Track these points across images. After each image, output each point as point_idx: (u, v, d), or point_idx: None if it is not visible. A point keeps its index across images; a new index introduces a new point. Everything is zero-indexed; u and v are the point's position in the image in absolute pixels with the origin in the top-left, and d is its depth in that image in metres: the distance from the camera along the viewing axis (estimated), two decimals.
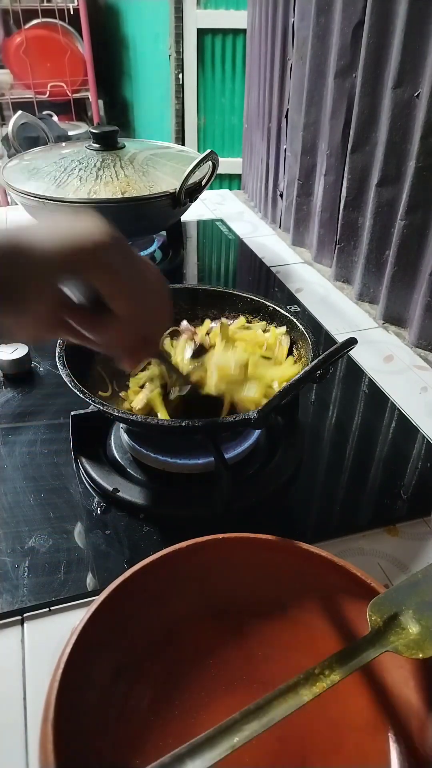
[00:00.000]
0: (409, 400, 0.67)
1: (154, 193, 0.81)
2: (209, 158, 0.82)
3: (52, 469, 0.56)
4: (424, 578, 0.37)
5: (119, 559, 0.47)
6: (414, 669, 0.35)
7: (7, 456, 0.57)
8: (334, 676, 0.32)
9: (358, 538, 0.50)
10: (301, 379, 0.42)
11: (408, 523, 0.52)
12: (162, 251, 1.00)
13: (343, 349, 0.42)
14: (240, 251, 1.05)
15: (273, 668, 0.38)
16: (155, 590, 0.39)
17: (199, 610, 0.40)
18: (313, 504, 0.55)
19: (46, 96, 2.42)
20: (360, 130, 0.79)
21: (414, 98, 0.69)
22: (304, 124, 0.93)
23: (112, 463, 0.56)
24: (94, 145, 0.88)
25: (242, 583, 0.41)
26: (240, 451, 0.55)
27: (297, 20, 0.91)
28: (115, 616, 0.36)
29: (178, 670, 0.38)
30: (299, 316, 0.68)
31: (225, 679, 0.38)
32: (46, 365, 0.70)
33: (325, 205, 0.93)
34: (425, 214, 0.71)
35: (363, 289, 0.86)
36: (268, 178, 1.15)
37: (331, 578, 0.39)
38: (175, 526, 0.50)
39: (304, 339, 0.55)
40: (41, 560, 0.47)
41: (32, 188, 0.80)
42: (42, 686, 0.32)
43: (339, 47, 0.80)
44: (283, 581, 0.40)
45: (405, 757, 0.34)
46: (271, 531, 0.40)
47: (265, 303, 0.61)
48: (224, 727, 0.29)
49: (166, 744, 0.34)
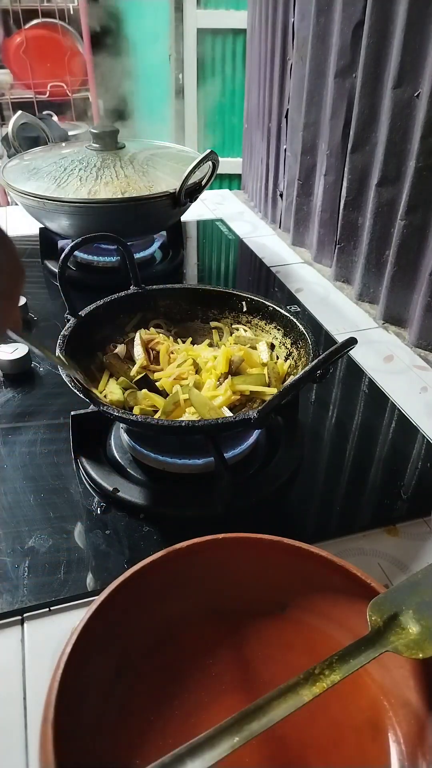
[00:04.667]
0: (409, 400, 0.67)
1: (154, 193, 0.81)
2: (209, 158, 0.82)
3: (52, 469, 0.56)
4: (424, 578, 0.37)
5: (119, 559, 0.47)
6: (414, 669, 0.35)
7: (7, 456, 0.57)
8: (334, 676, 0.32)
9: (358, 538, 0.50)
10: (301, 379, 0.42)
11: (408, 523, 0.52)
12: (162, 251, 1.00)
13: (343, 349, 0.42)
14: (240, 251, 1.05)
15: (273, 668, 0.38)
16: (155, 590, 0.39)
17: (199, 610, 0.40)
18: (313, 504, 0.55)
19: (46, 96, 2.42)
20: (360, 130, 0.79)
21: (414, 98, 0.69)
22: (304, 124, 0.93)
23: (112, 463, 0.56)
24: (94, 145, 0.88)
25: (242, 583, 0.41)
26: (240, 451, 0.55)
27: (297, 20, 0.91)
28: (115, 616, 0.36)
29: (178, 670, 0.38)
30: (299, 316, 0.68)
31: (225, 679, 0.38)
32: (46, 365, 0.70)
33: (325, 205, 0.93)
34: (425, 214, 0.71)
35: (363, 289, 0.86)
36: (268, 178, 1.15)
37: (331, 578, 0.39)
38: (175, 526, 0.50)
39: (304, 339, 0.55)
40: (41, 560, 0.47)
41: (32, 188, 0.80)
42: (42, 686, 0.32)
43: (339, 47, 0.80)
44: (283, 581, 0.40)
45: (405, 757, 0.34)
46: (271, 531, 0.40)
47: (265, 303, 0.61)
48: (224, 727, 0.29)
49: (166, 744, 0.34)
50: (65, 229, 0.85)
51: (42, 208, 0.81)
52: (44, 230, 0.92)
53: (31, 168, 0.85)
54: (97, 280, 0.92)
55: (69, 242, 0.73)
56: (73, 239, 0.76)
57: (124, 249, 0.62)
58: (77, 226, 0.82)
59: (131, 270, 0.62)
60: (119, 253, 0.91)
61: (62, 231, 0.87)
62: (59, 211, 0.80)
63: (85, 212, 0.80)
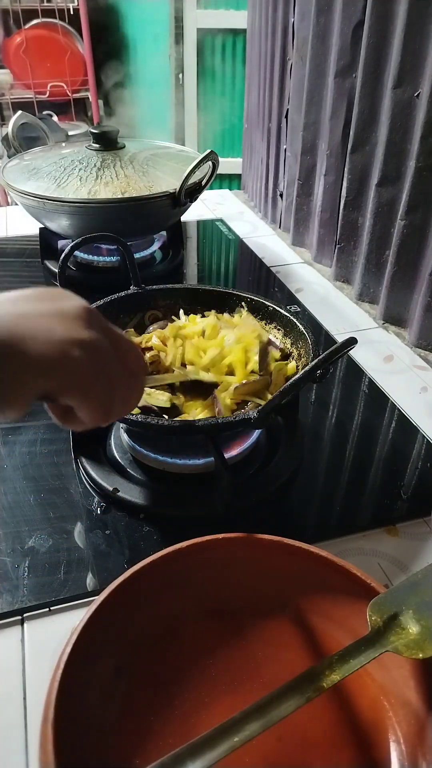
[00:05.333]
0: (409, 400, 0.67)
1: (154, 193, 0.81)
2: (209, 158, 0.82)
3: (52, 469, 0.56)
4: (424, 578, 0.37)
5: (119, 559, 0.47)
6: (414, 669, 0.35)
7: (7, 456, 0.57)
8: (334, 676, 0.32)
9: (358, 538, 0.50)
10: (301, 379, 0.42)
11: (408, 523, 0.52)
12: (162, 251, 1.00)
13: (343, 349, 0.42)
14: (240, 251, 1.05)
15: (273, 668, 0.38)
16: (155, 590, 0.39)
17: (199, 610, 0.41)
18: (313, 504, 0.55)
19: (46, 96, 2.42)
20: (360, 130, 0.79)
21: (414, 98, 0.69)
22: (304, 124, 0.93)
23: (112, 463, 0.56)
24: (94, 145, 0.88)
25: (242, 583, 0.41)
26: (240, 451, 0.55)
27: (297, 20, 0.91)
28: (115, 616, 0.36)
29: (178, 670, 0.38)
30: (299, 316, 0.68)
31: (225, 679, 0.38)
32: None
33: (325, 205, 0.93)
34: (425, 214, 0.71)
35: (363, 289, 0.86)
36: (268, 178, 1.15)
37: (331, 578, 0.39)
38: (175, 526, 0.50)
39: (303, 339, 0.55)
40: (41, 560, 0.47)
41: (32, 188, 0.80)
42: (42, 686, 0.32)
43: (339, 47, 0.80)
44: (283, 581, 0.40)
45: (405, 757, 0.34)
46: (271, 531, 0.40)
47: (265, 303, 0.61)
48: (224, 727, 0.29)
49: (166, 744, 0.34)
50: (65, 229, 0.85)
51: (42, 208, 0.81)
52: (44, 230, 0.92)
53: (31, 168, 0.85)
54: (97, 280, 0.92)
55: (69, 242, 0.73)
56: (73, 239, 0.76)
57: (124, 249, 0.62)
58: (77, 226, 0.82)
59: (131, 270, 0.62)
60: (119, 253, 0.91)
61: (62, 231, 0.87)
62: (59, 211, 0.80)
63: (85, 212, 0.80)
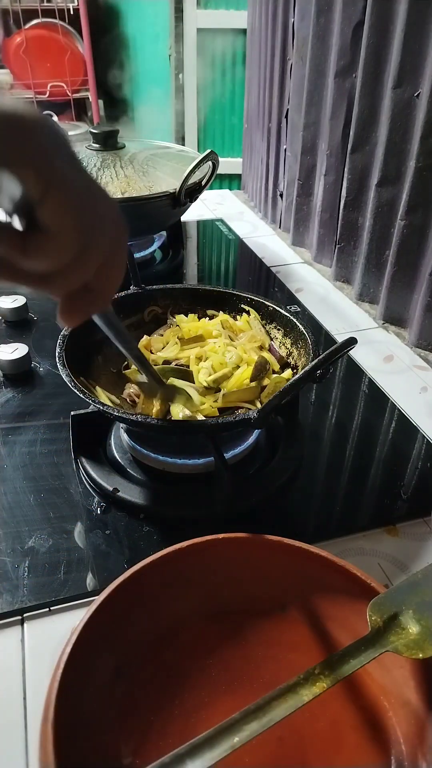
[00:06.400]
0: (409, 400, 0.67)
1: (154, 193, 0.81)
2: (209, 158, 0.82)
3: (52, 469, 0.56)
4: (424, 578, 0.37)
5: (119, 559, 0.47)
6: (414, 669, 0.35)
7: (7, 456, 0.57)
8: (334, 676, 0.32)
9: (358, 538, 0.50)
10: (301, 379, 0.42)
11: (408, 523, 0.52)
12: (162, 251, 1.00)
13: (343, 349, 0.42)
14: (240, 251, 1.05)
15: (273, 668, 0.38)
16: (155, 590, 0.39)
17: (199, 610, 0.40)
18: (313, 504, 0.55)
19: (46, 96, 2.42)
20: (360, 130, 0.79)
21: (414, 98, 0.69)
22: (304, 124, 0.93)
23: (112, 463, 0.56)
24: (94, 145, 0.88)
25: (242, 583, 0.41)
26: (240, 451, 0.55)
27: (297, 20, 0.91)
28: (115, 616, 0.36)
29: (178, 670, 0.38)
30: (299, 316, 0.68)
31: (225, 679, 0.38)
32: (46, 365, 0.70)
33: (325, 205, 0.93)
34: (425, 214, 0.71)
35: (363, 289, 0.86)
36: (268, 178, 1.15)
37: (331, 578, 0.39)
38: (175, 526, 0.50)
39: (303, 339, 0.55)
40: (41, 560, 0.47)
41: None
42: (42, 686, 0.32)
43: (339, 47, 0.80)
44: (283, 581, 0.40)
45: (405, 757, 0.34)
46: (271, 531, 0.40)
47: (265, 303, 0.61)
48: (224, 727, 0.29)
49: (166, 744, 0.34)
50: None
51: None
52: None
53: None
54: None
55: None
56: None
57: None
58: None
59: (131, 270, 0.62)
60: None
61: None
62: None
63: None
